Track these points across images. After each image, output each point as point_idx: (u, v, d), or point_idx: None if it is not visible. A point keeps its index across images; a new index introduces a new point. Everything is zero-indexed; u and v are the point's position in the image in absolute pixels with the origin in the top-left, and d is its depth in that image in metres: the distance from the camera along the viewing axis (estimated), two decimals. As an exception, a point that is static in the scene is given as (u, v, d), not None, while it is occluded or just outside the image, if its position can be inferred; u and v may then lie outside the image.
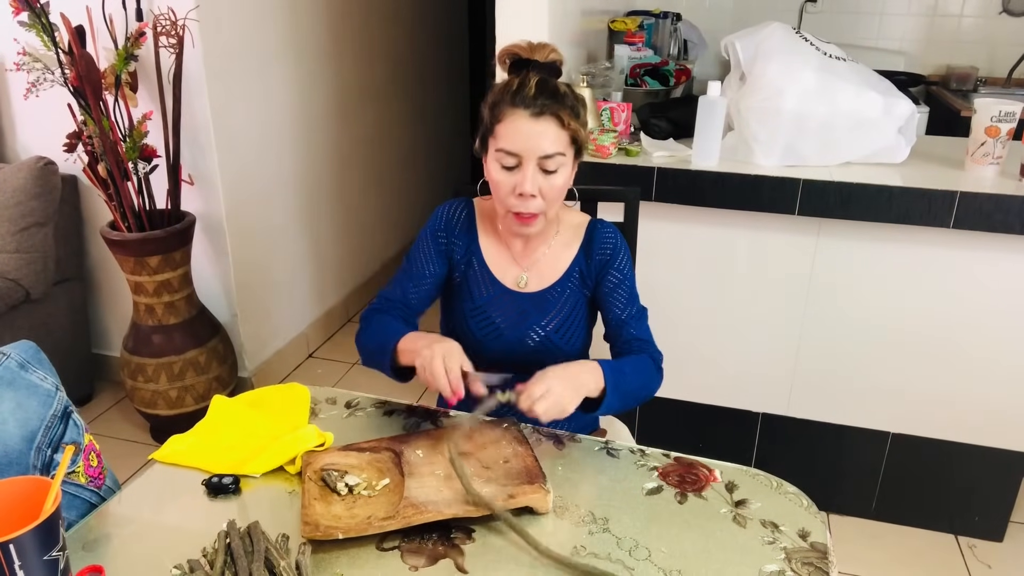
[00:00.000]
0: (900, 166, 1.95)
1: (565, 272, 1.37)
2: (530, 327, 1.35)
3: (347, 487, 1.06)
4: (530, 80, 1.23)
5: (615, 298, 1.36)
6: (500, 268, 1.38)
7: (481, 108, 1.29)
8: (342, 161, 3.28)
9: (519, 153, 1.23)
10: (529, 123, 1.22)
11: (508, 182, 1.25)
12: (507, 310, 1.37)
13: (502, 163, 1.25)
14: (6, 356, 1.06)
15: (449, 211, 1.40)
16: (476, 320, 1.37)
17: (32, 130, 2.55)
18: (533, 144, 1.22)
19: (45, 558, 0.80)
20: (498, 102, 1.25)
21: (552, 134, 1.23)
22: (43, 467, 1.04)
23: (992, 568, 2.04)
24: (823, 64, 1.91)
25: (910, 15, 3.20)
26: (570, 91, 1.26)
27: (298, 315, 3.07)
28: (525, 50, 1.28)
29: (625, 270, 1.37)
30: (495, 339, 1.36)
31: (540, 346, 1.36)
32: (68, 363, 2.59)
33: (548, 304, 1.36)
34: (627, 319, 1.35)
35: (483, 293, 1.37)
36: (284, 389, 1.33)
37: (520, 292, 1.37)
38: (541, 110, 1.22)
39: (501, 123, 1.24)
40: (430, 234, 1.39)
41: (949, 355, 1.97)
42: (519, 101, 1.22)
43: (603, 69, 2.33)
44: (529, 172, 1.23)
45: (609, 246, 1.36)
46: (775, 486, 1.11)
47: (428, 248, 1.39)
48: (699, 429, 2.24)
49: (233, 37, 2.50)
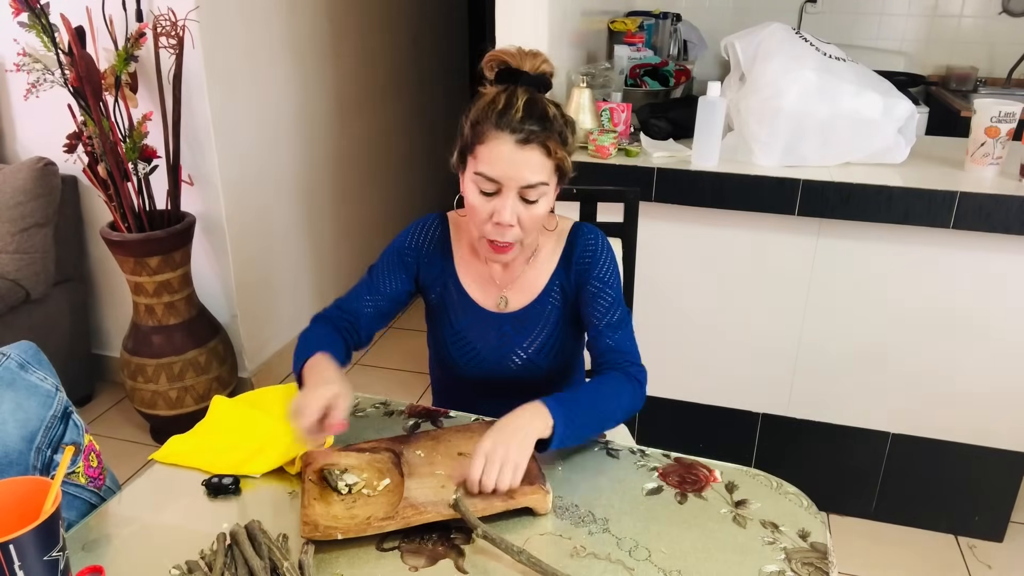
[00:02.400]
0: (900, 166, 1.95)
1: (545, 287, 1.31)
2: (512, 350, 1.31)
3: (347, 486, 1.06)
4: (518, 100, 1.14)
5: (594, 306, 1.28)
6: (478, 289, 1.32)
7: (461, 120, 1.20)
8: (342, 161, 3.28)
9: (500, 180, 1.15)
10: (513, 150, 1.13)
11: (485, 208, 1.17)
12: (487, 334, 1.32)
13: (480, 187, 1.17)
14: (6, 356, 1.06)
15: (420, 231, 1.34)
16: (456, 346, 1.33)
17: (32, 131, 2.55)
18: (515, 173, 1.14)
19: (45, 558, 0.80)
20: (481, 121, 1.16)
21: (537, 163, 1.14)
22: (43, 467, 1.04)
23: (992, 568, 2.04)
24: (823, 64, 1.91)
25: (910, 15, 3.20)
26: (559, 113, 1.18)
27: (298, 315, 3.07)
28: (514, 58, 1.19)
29: (606, 276, 1.29)
30: (476, 365, 1.32)
31: (523, 368, 1.32)
32: (68, 363, 2.59)
33: (529, 323, 1.31)
34: (604, 328, 1.27)
35: (461, 318, 1.32)
36: (284, 389, 1.33)
37: (500, 313, 1.31)
38: (528, 137, 1.13)
39: (483, 144, 1.15)
40: (396, 251, 1.34)
41: (949, 355, 1.97)
42: (504, 124, 1.13)
43: (603, 69, 2.33)
44: (509, 201, 1.15)
45: (589, 253, 1.29)
46: (775, 486, 1.11)
47: (392, 264, 1.33)
48: (699, 429, 2.24)
49: (233, 37, 2.51)
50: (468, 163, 1.20)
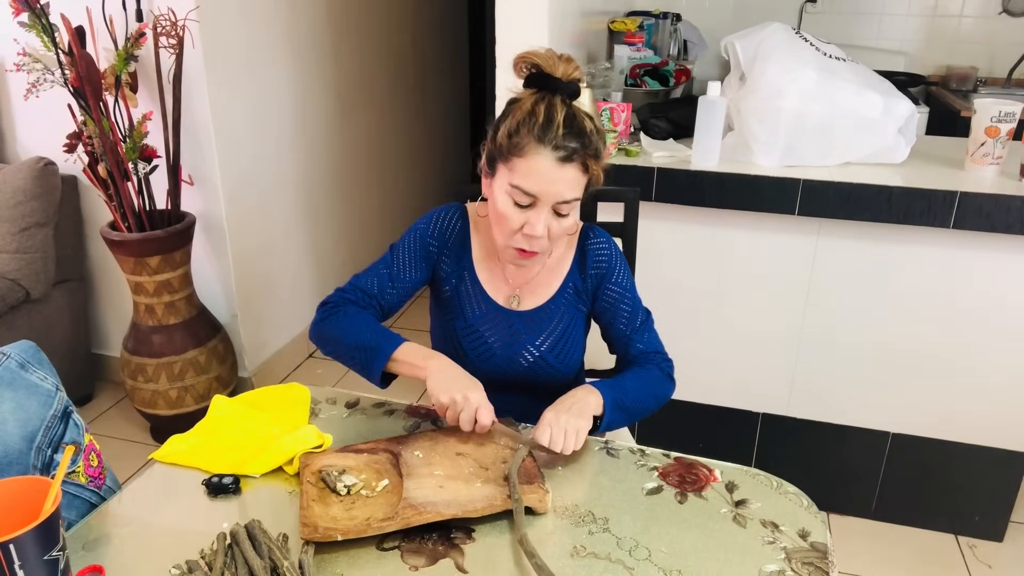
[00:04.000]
0: (900, 166, 1.95)
1: (559, 289, 1.32)
2: (523, 347, 1.32)
3: (346, 487, 1.06)
4: (556, 114, 1.14)
5: (617, 313, 1.31)
6: (492, 286, 1.33)
7: (498, 126, 1.18)
8: (342, 161, 3.28)
9: (537, 195, 1.15)
10: (553, 167, 1.14)
11: (517, 219, 1.18)
12: (500, 329, 1.32)
13: (515, 199, 1.17)
14: (6, 356, 1.06)
15: (444, 219, 1.33)
16: (468, 339, 1.33)
17: (32, 130, 2.55)
18: (553, 189, 1.15)
19: (45, 558, 0.80)
20: (519, 131, 1.14)
21: (574, 180, 1.16)
22: (43, 467, 1.04)
23: (992, 568, 2.04)
24: (823, 64, 1.91)
25: (910, 15, 3.20)
26: (595, 128, 1.17)
27: (298, 315, 3.07)
28: (546, 62, 1.17)
29: (624, 282, 1.32)
30: (487, 359, 1.33)
31: (534, 367, 1.32)
32: (68, 363, 2.59)
33: (542, 323, 1.32)
34: (631, 334, 1.32)
35: (475, 311, 1.33)
36: (284, 389, 1.33)
37: (513, 311, 1.33)
38: (569, 156, 1.14)
39: (522, 158, 1.14)
40: (419, 238, 1.33)
41: (949, 355, 1.97)
42: (547, 140, 1.13)
43: (603, 69, 2.33)
44: (543, 215, 1.17)
45: (604, 259, 1.31)
46: (775, 486, 1.11)
47: (415, 251, 1.32)
48: (699, 429, 2.24)
49: (233, 37, 2.51)
50: (500, 171, 1.19)
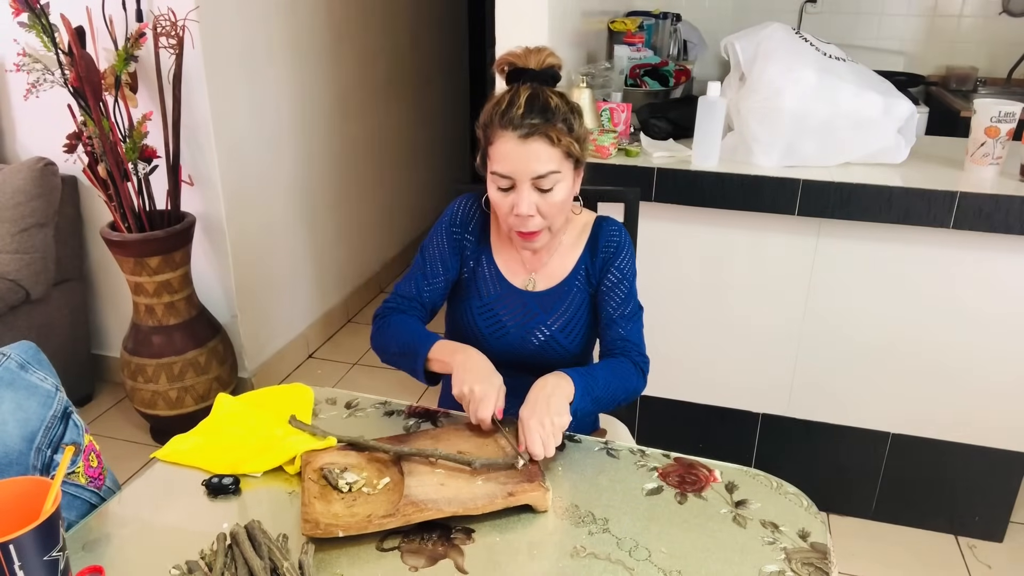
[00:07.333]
0: (900, 166, 1.95)
1: (572, 271, 1.37)
2: (536, 326, 1.36)
3: (347, 484, 1.06)
4: (519, 97, 1.21)
5: (611, 296, 1.36)
6: (510, 269, 1.39)
7: (476, 127, 1.28)
8: (342, 161, 3.28)
9: (511, 175, 1.22)
10: (518, 146, 1.20)
11: (506, 203, 1.25)
12: (514, 308, 1.37)
13: (498, 185, 1.24)
14: (6, 357, 1.06)
15: (465, 207, 1.40)
16: (483, 317, 1.38)
17: (32, 131, 2.55)
18: (524, 167, 1.21)
19: (45, 558, 0.80)
20: (488, 123, 1.24)
21: (543, 154, 1.21)
22: (43, 467, 1.04)
23: (992, 568, 2.04)
24: (823, 64, 1.91)
25: (910, 15, 3.20)
26: (562, 102, 1.23)
27: (298, 315, 3.07)
28: (520, 57, 1.26)
29: (625, 268, 1.37)
30: (500, 337, 1.37)
31: (544, 346, 1.36)
32: (68, 363, 2.59)
33: (555, 303, 1.37)
34: (617, 318, 1.35)
35: (491, 291, 1.38)
36: (288, 389, 1.33)
37: (528, 291, 1.38)
38: (530, 131, 1.19)
39: (492, 145, 1.23)
40: (445, 229, 1.39)
41: (949, 355, 1.97)
42: (507, 122, 1.20)
43: (603, 69, 2.34)
44: (524, 194, 1.22)
45: (613, 243, 1.36)
46: (775, 486, 1.11)
47: (443, 245, 1.39)
48: (699, 429, 2.24)
49: (233, 37, 2.51)
50: (488, 164, 1.27)
